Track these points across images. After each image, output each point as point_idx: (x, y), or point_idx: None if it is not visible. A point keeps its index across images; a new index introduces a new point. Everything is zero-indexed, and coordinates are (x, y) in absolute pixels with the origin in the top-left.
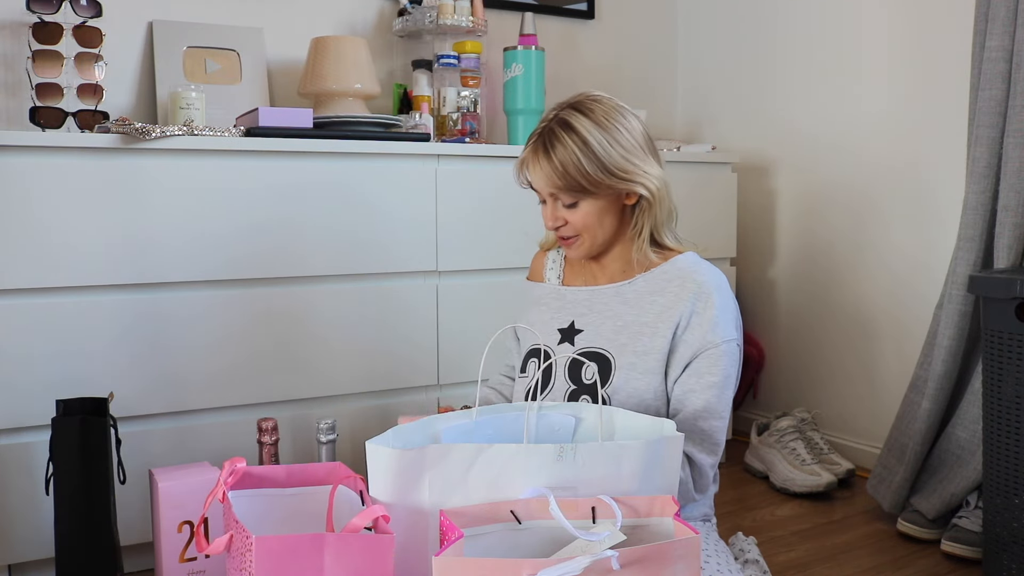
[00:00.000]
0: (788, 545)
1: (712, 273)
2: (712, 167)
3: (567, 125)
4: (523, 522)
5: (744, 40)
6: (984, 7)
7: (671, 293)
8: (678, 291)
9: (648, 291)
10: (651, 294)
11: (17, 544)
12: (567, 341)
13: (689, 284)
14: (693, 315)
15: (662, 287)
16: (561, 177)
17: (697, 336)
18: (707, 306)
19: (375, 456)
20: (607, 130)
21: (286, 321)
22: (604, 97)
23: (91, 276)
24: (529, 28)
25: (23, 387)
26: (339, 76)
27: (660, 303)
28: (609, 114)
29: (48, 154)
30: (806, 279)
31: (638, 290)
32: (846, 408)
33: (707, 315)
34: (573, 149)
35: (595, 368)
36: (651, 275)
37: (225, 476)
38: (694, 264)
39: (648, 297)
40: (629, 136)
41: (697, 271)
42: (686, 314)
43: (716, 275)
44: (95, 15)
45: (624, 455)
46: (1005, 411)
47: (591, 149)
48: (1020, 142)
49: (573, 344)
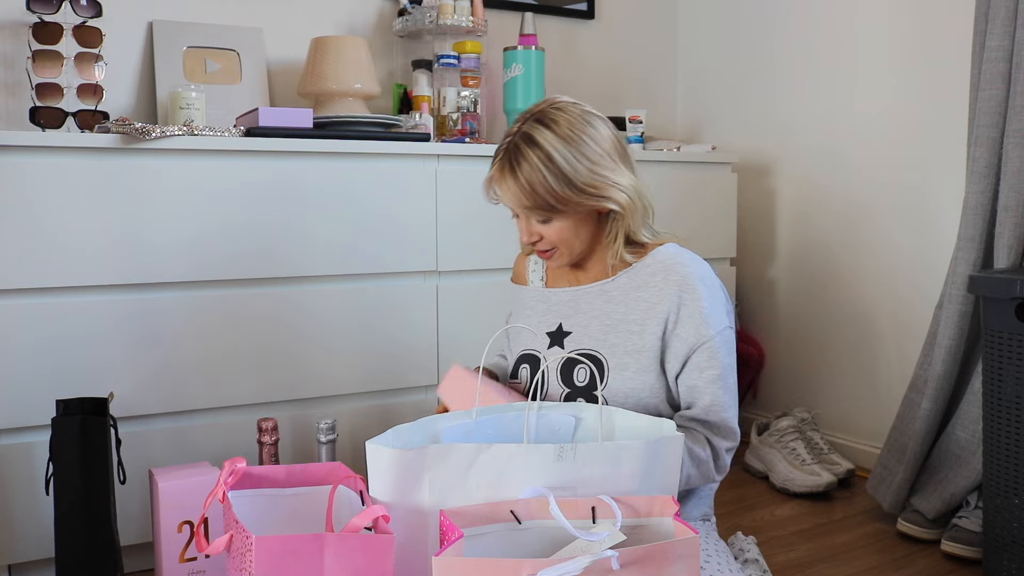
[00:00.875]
0: (788, 545)
1: (695, 263)
2: (712, 167)
3: (531, 140)
4: (523, 522)
5: (744, 41)
6: (984, 7)
7: (655, 287)
8: (662, 284)
9: (632, 287)
10: (636, 290)
11: (17, 544)
12: (556, 344)
13: (672, 276)
14: (681, 308)
15: (645, 281)
16: (529, 196)
17: (690, 331)
18: (694, 298)
19: (375, 456)
20: (573, 143)
21: (286, 321)
22: (569, 104)
23: (91, 276)
24: (529, 28)
25: (23, 387)
26: (339, 76)
27: (646, 299)
28: (574, 125)
29: (48, 154)
30: (806, 279)
31: (622, 286)
32: (846, 408)
33: (696, 307)
34: (538, 167)
35: (588, 370)
36: (633, 270)
37: (225, 476)
38: (675, 255)
39: (633, 293)
40: (596, 146)
41: (679, 262)
42: (674, 308)
43: (699, 264)
44: (95, 15)
45: (624, 455)
46: (1005, 411)
47: (557, 166)
48: (1020, 142)
49: (563, 347)
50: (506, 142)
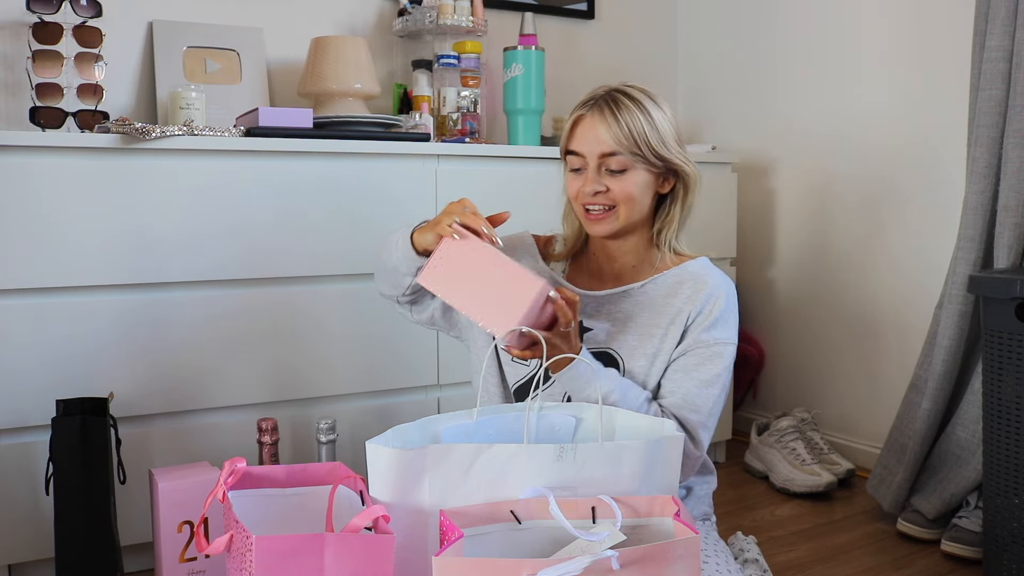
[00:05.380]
0: (788, 545)
1: (724, 278)
2: (712, 167)
3: (629, 95)
4: (523, 522)
5: (744, 40)
6: (984, 7)
7: (683, 296)
8: (691, 293)
9: (661, 294)
10: (664, 297)
11: (17, 544)
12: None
13: (701, 286)
14: (701, 312)
15: (675, 290)
16: (625, 138)
17: (696, 332)
18: (714, 307)
19: (375, 456)
20: (663, 110)
21: (286, 321)
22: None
23: (91, 276)
24: (529, 28)
25: (23, 387)
26: (339, 76)
27: (674, 305)
28: (659, 100)
29: (48, 154)
30: (806, 279)
31: (650, 293)
32: (846, 408)
33: (711, 314)
34: (638, 115)
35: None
36: (663, 278)
37: (225, 476)
38: (706, 268)
39: (661, 300)
40: (675, 123)
41: (711, 275)
42: (694, 312)
43: (727, 281)
44: (95, 15)
45: (624, 455)
46: (1005, 411)
47: (654, 121)
48: (1020, 142)
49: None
50: (597, 95)
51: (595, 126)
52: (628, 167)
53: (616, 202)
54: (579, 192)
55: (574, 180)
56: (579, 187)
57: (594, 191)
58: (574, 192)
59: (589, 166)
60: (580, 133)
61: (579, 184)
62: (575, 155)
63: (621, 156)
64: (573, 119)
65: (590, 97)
